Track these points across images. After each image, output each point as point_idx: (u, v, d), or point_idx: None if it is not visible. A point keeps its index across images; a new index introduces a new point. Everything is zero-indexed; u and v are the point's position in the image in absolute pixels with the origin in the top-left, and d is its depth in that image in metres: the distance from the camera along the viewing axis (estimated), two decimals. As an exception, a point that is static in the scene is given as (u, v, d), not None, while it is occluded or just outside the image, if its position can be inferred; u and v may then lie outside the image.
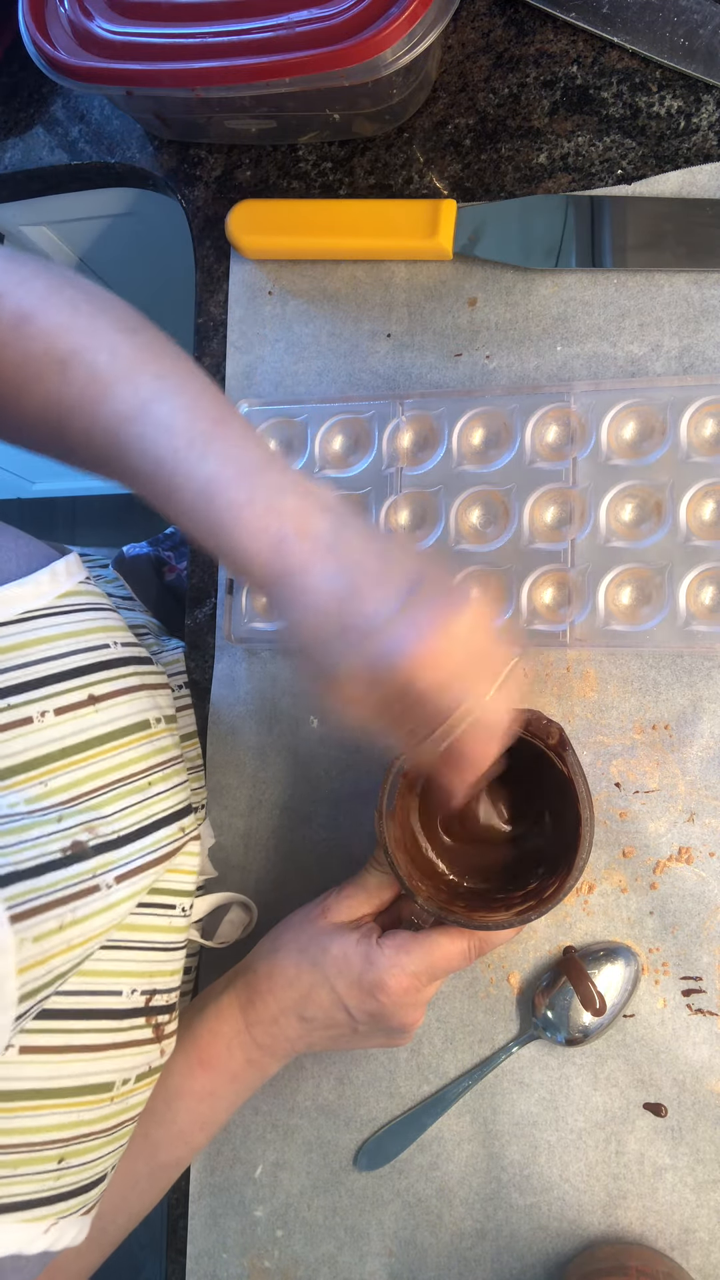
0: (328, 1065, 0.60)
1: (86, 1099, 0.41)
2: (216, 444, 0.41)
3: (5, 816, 0.39)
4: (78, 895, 0.39)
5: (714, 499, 0.55)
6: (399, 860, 0.50)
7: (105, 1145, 0.43)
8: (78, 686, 0.43)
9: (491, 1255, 0.56)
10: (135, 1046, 0.44)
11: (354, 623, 0.38)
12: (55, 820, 0.40)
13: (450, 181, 0.63)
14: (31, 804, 0.40)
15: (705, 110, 0.58)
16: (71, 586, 0.46)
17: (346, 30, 0.54)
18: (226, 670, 0.64)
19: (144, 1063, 0.44)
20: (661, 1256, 0.52)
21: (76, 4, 0.59)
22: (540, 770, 0.52)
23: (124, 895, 0.41)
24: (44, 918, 0.37)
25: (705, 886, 0.54)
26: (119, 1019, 0.43)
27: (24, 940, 0.35)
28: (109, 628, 0.47)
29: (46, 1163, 0.39)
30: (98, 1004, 0.42)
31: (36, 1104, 0.39)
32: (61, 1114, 0.40)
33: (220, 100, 0.59)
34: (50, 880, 0.38)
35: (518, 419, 0.58)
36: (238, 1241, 0.60)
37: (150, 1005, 0.44)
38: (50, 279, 0.45)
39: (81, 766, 0.42)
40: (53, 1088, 0.39)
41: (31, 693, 0.42)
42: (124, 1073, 0.43)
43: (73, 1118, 0.40)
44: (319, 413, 0.63)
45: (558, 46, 0.61)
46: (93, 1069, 0.41)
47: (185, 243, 0.69)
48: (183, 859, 0.48)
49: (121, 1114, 0.43)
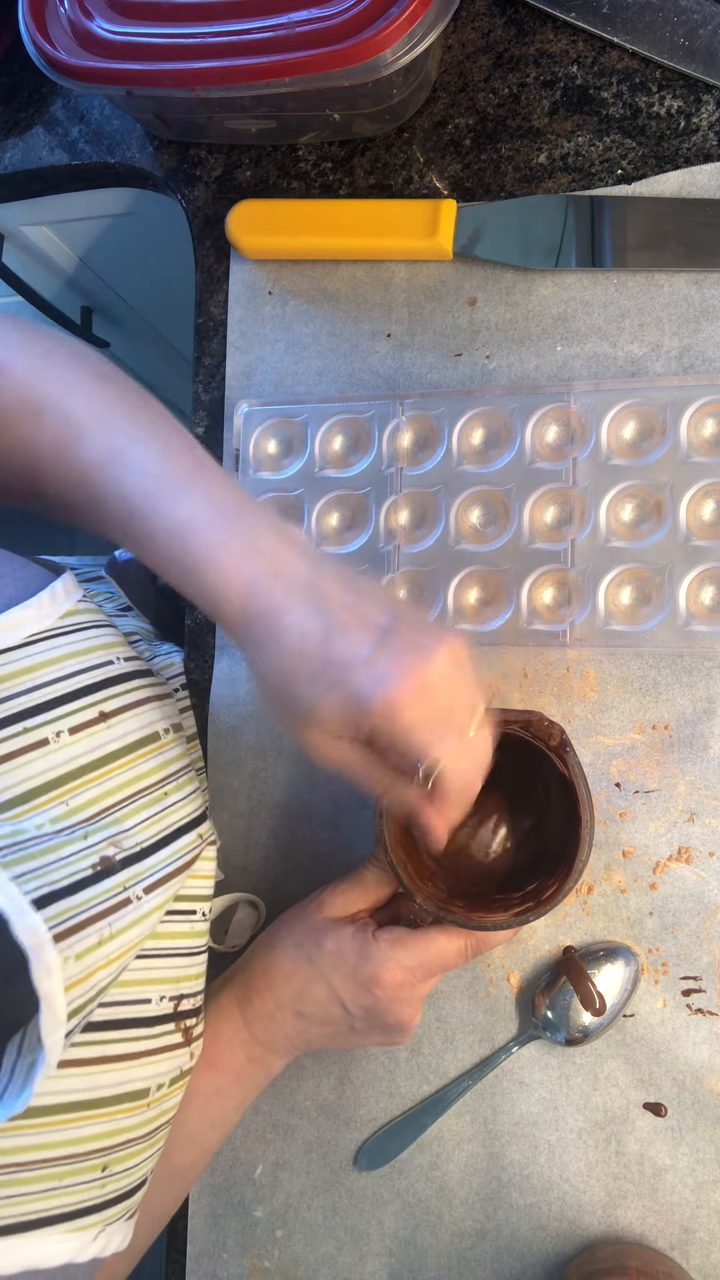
0: (328, 1065, 0.60)
1: (125, 1106, 0.42)
2: (191, 487, 0.41)
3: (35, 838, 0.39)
4: (112, 909, 0.39)
5: (714, 499, 0.55)
6: (398, 859, 0.50)
7: (145, 1150, 0.43)
8: (88, 705, 0.43)
9: (491, 1255, 0.56)
10: (167, 1052, 0.44)
11: (331, 662, 0.38)
12: (82, 838, 0.40)
13: (450, 181, 0.63)
14: (57, 823, 0.40)
15: (705, 110, 0.58)
16: (71, 606, 0.46)
17: (346, 30, 0.54)
18: (226, 670, 0.64)
19: (175, 1067, 0.45)
20: (661, 1256, 0.52)
21: (76, 4, 0.59)
22: (541, 771, 0.52)
23: (154, 905, 0.42)
24: (84, 934, 0.37)
25: (705, 886, 0.54)
26: (150, 1026, 0.43)
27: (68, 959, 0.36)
28: (110, 644, 0.47)
29: (91, 1172, 0.40)
30: (130, 1013, 0.42)
31: (78, 1115, 0.39)
32: (102, 1123, 0.40)
33: (220, 100, 0.59)
34: (85, 897, 0.38)
35: (518, 419, 0.58)
36: (238, 1241, 0.60)
37: (179, 1010, 0.45)
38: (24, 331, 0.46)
39: (99, 783, 0.43)
40: (92, 1099, 0.40)
41: (46, 714, 0.42)
42: (158, 1078, 0.44)
43: (112, 1126, 0.41)
44: (319, 413, 0.63)
45: (558, 46, 0.61)
46: (129, 1077, 0.42)
47: (185, 243, 0.69)
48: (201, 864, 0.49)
49: (158, 1119, 0.44)
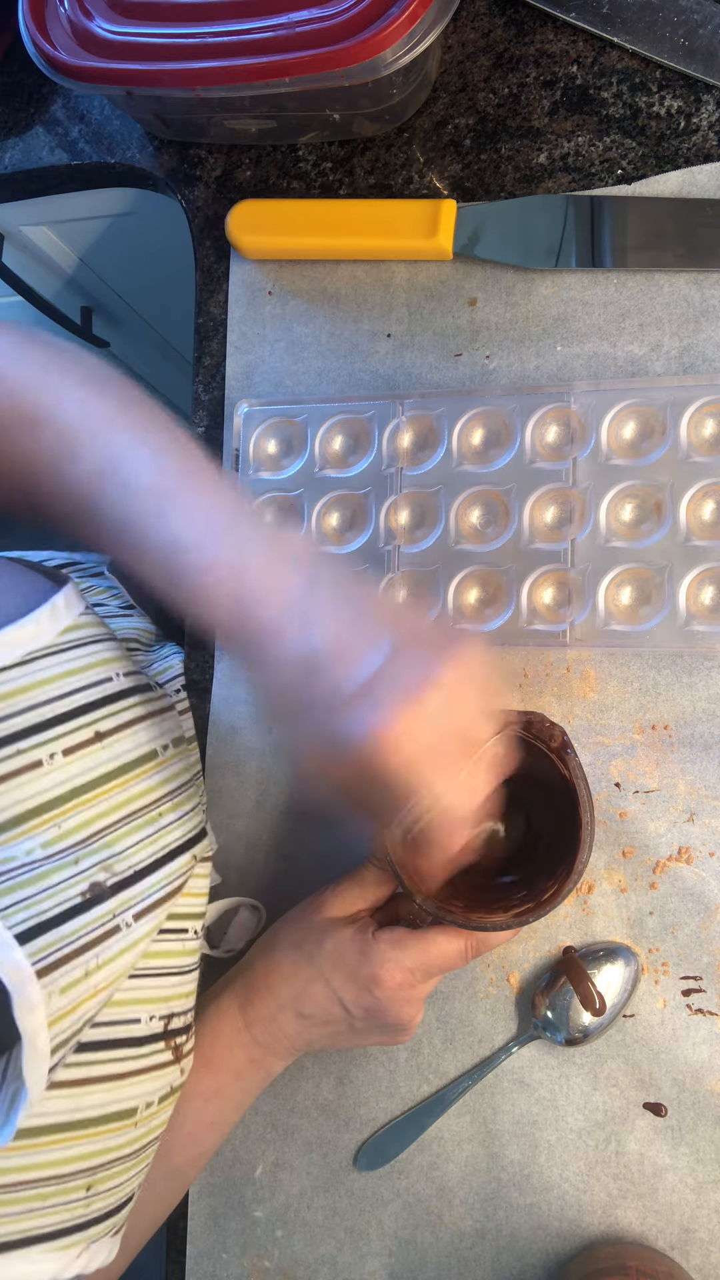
0: (328, 1065, 0.60)
1: (111, 1126, 0.41)
2: (181, 501, 0.40)
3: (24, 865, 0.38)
4: (100, 939, 0.39)
5: (714, 499, 0.55)
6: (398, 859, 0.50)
7: (131, 1169, 0.43)
8: (84, 724, 0.42)
9: (491, 1255, 0.56)
10: (156, 1070, 0.44)
11: (317, 697, 0.36)
12: (73, 863, 0.39)
13: (450, 181, 0.63)
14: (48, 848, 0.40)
15: (705, 110, 0.58)
16: (72, 620, 0.45)
17: (346, 30, 0.54)
18: (227, 670, 0.64)
19: (165, 1084, 0.44)
20: (661, 1256, 0.52)
21: (76, 4, 0.59)
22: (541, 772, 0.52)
23: (143, 932, 0.41)
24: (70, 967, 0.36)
25: (705, 886, 0.54)
26: (139, 1045, 0.43)
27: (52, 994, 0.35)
28: (110, 660, 0.46)
29: (75, 1192, 0.40)
30: (118, 1034, 0.42)
31: (63, 1136, 0.39)
32: (87, 1144, 0.40)
33: (220, 100, 0.59)
34: (73, 927, 0.38)
35: (518, 419, 0.58)
36: (238, 1241, 0.60)
37: (169, 1029, 0.44)
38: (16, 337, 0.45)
39: (92, 805, 0.42)
40: (78, 1119, 0.39)
41: (39, 735, 0.41)
42: (146, 1097, 0.43)
43: (98, 1146, 0.40)
44: (319, 413, 0.63)
45: (558, 46, 0.61)
46: (116, 1097, 0.41)
47: (185, 243, 0.69)
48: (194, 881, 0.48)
49: (145, 1137, 0.44)
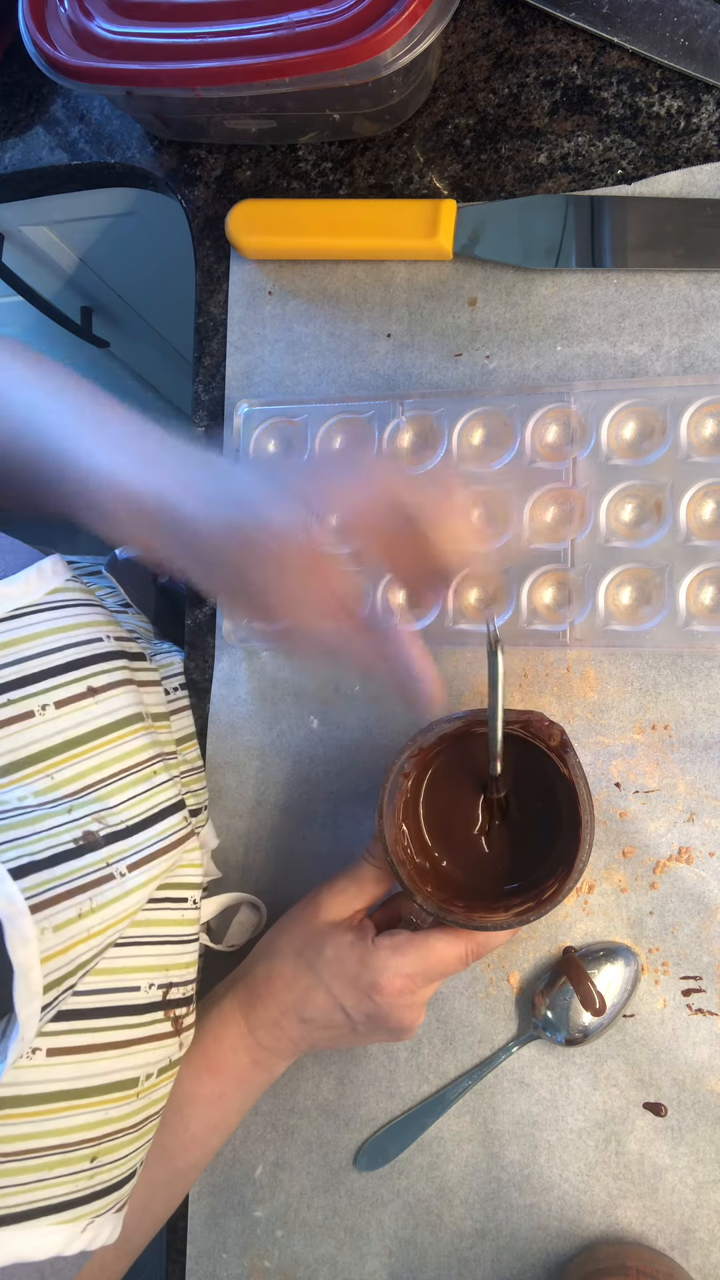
0: (328, 1065, 0.60)
1: (114, 1096, 0.41)
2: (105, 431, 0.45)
3: (16, 810, 0.39)
4: (93, 884, 0.39)
5: (714, 499, 0.55)
6: (398, 859, 0.50)
7: (134, 1141, 0.43)
8: (76, 679, 0.43)
9: (491, 1255, 0.56)
10: (156, 1040, 0.44)
11: None
12: (66, 811, 0.40)
13: (450, 181, 0.63)
14: (40, 796, 0.40)
15: (705, 110, 0.58)
16: (59, 584, 0.47)
17: (346, 30, 0.54)
18: (226, 670, 0.64)
19: (165, 1056, 0.45)
20: (661, 1256, 0.52)
21: (76, 4, 0.59)
22: (541, 771, 0.52)
23: (137, 883, 0.42)
24: (63, 906, 0.37)
25: (705, 886, 0.54)
26: (139, 1014, 0.43)
27: (45, 930, 0.36)
28: (98, 622, 0.47)
29: (80, 1163, 0.40)
30: (118, 1001, 0.42)
31: (67, 1104, 0.39)
32: (91, 1113, 0.40)
33: (220, 100, 0.59)
34: (66, 870, 0.38)
35: (518, 419, 0.58)
36: (238, 1241, 0.60)
37: (168, 999, 0.45)
38: None
39: (86, 758, 0.42)
40: (81, 1087, 0.40)
41: (31, 687, 0.42)
42: (147, 1067, 0.44)
43: (101, 1115, 0.41)
44: (319, 413, 0.63)
45: (558, 46, 0.61)
46: (118, 1066, 0.42)
47: (185, 243, 0.69)
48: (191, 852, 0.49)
49: (146, 1109, 0.44)
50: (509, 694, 0.58)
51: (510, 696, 0.58)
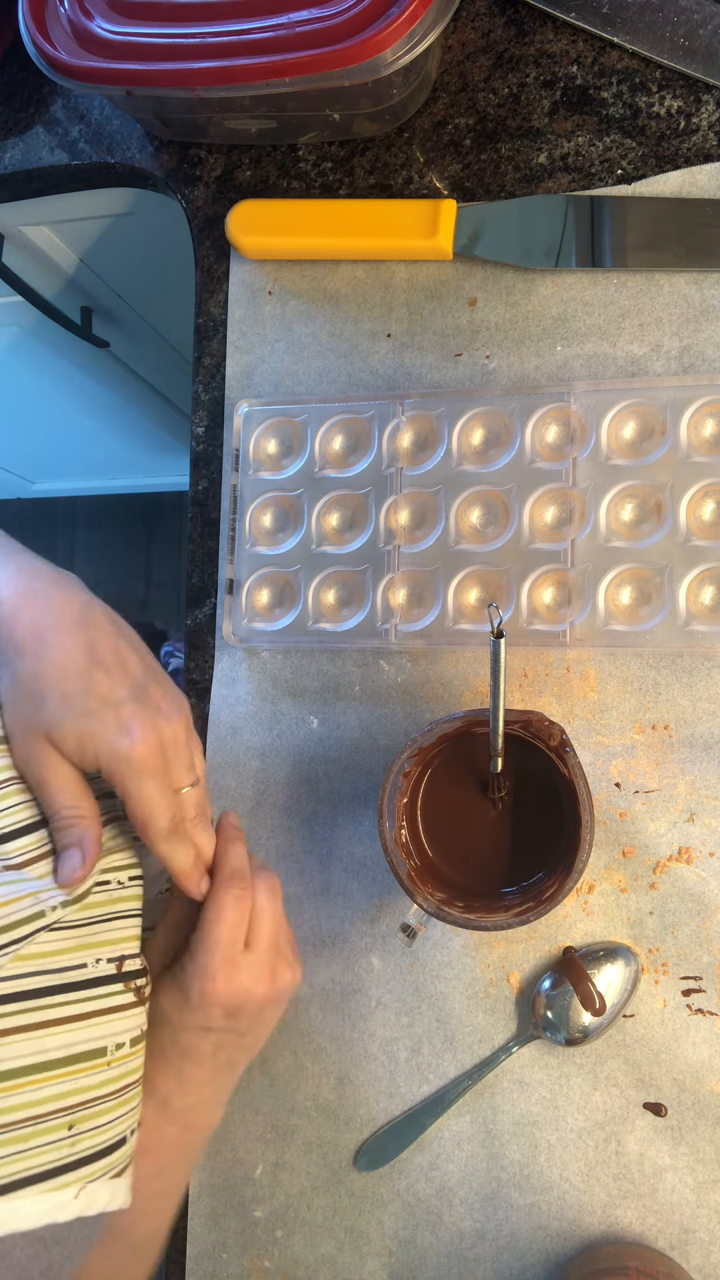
0: (327, 1065, 0.60)
1: (81, 1066, 0.42)
2: None
3: None
4: None
5: (714, 499, 0.55)
6: (399, 859, 0.50)
7: (115, 1108, 0.44)
8: None
9: (491, 1255, 0.56)
10: (119, 1011, 0.45)
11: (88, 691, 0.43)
12: None
13: (450, 181, 0.63)
14: None
15: (705, 110, 0.58)
16: None
17: (346, 30, 0.54)
18: (227, 670, 0.64)
19: (134, 1026, 0.45)
20: (661, 1256, 0.52)
21: (76, 4, 0.59)
22: (541, 771, 0.52)
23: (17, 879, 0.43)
24: None
25: (705, 886, 0.54)
26: (93, 987, 0.44)
27: None
28: None
29: (57, 1131, 0.41)
30: (65, 979, 0.43)
31: (30, 1079, 0.40)
32: (60, 1084, 0.41)
33: (220, 100, 0.59)
34: None
35: (518, 419, 0.58)
36: (237, 1241, 0.60)
37: (124, 971, 0.45)
38: None
39: None
40: (43, 1061, 0.41)
41: None
42: (115, 1037, 0.44)
43: (71, 1085, 0.41)
44: (319, 413, 0.63)
45: (558, 46, 0.61)
46: (79, 1038, 0.42)
47: (185, 243, 0.69)
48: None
49: (123, 1078, 0.44)
50: (509, 694, 0.58)
51: (510, 696, 0.58)
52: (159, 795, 0.44)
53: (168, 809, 0.45)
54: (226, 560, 0.64)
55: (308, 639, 0.61)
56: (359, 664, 0.62)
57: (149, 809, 0.44)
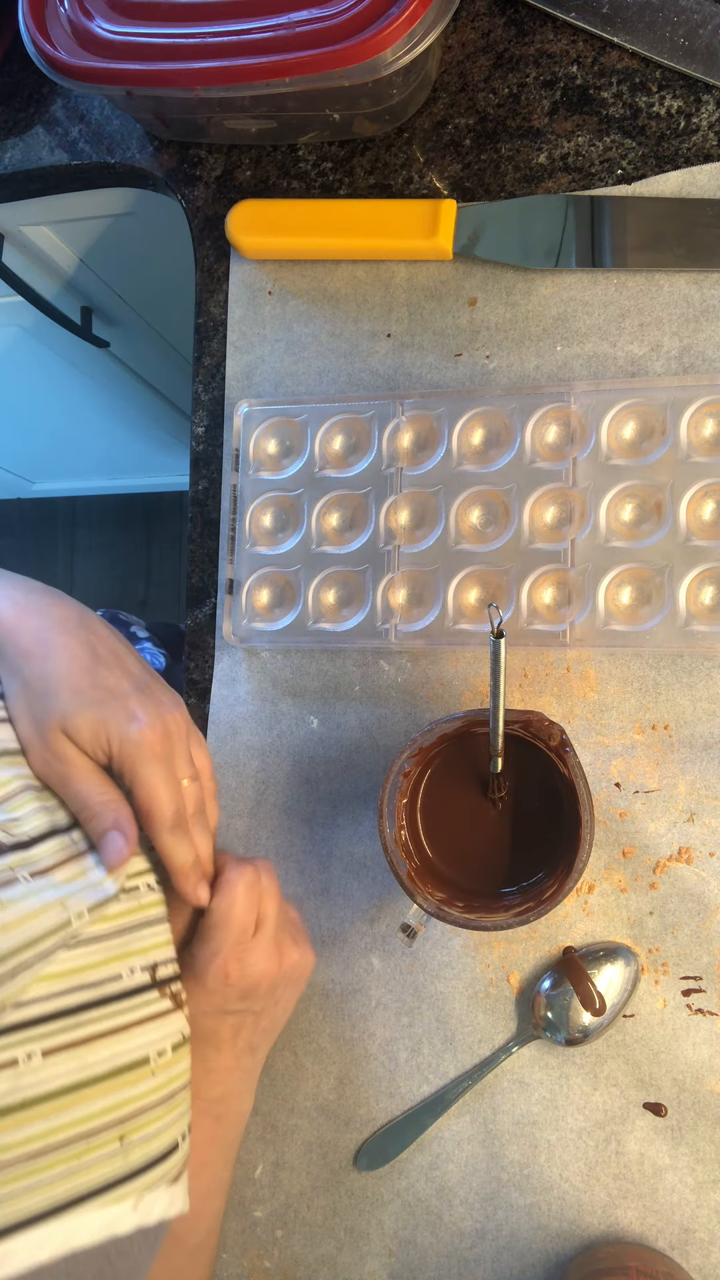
0: (328, 1065, 0.60)
1: (126, 1077, 0.42)
2: None
3: None
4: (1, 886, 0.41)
5: (714, 499, 0.55)
6: (399, 859, 0.50)
7: (165, 1114, 0.44)
8: None
9: (491, 1255, 0.56)
10: (158, 1019, 0.45)
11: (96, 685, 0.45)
12: None
13: (450, 181, 0.63)
14: None
15: (705, 110, 0.58)
16: None
17: (346, 30, 0.54)
18: (227, 670, 0.64)
19: (174, 1031, 0.45)
20: (661, 1256, 0.52)
21: (76, 4, 0.59)
22: (541, 771, 0.52)
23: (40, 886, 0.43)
24: None
25: (705, 886, 0.54)
26: (130, 997, 0.44)
27: None
28: None
29: (109, 1145, 0.41)
30: (102, 992, 0.43)
31: (78, 1095, 0.40)
32: (106, 1097, 0.41)
33: (220, 100, 0.59)
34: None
35: (518, 419, 0.58)
36: (238, 1241, 0.60)
37: (158, 978, 0.46)
38: None
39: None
40: (88, 1077, 0.41)
41: None
42: (156, 1044, 0.44)
43: (118, 1098, 0.42)
44: (319, 413, 0.63)
45: (558, 46, 0.61)
46: (121, 1049, 0.42)
47: (185, 243, 0.69)
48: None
49: (169, 1084, 0.44)
50: (509, 694, 0.58)
51: (510, 696, 0.58)
52: (164, 782, 0.45)
53: (173, 798, 0.46)
54: (226, 560, 0.64)
55: (308, 639, 0.61)
56: (359, 664, 0.62)
57: (155, 795, 0.45)
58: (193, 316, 0.68)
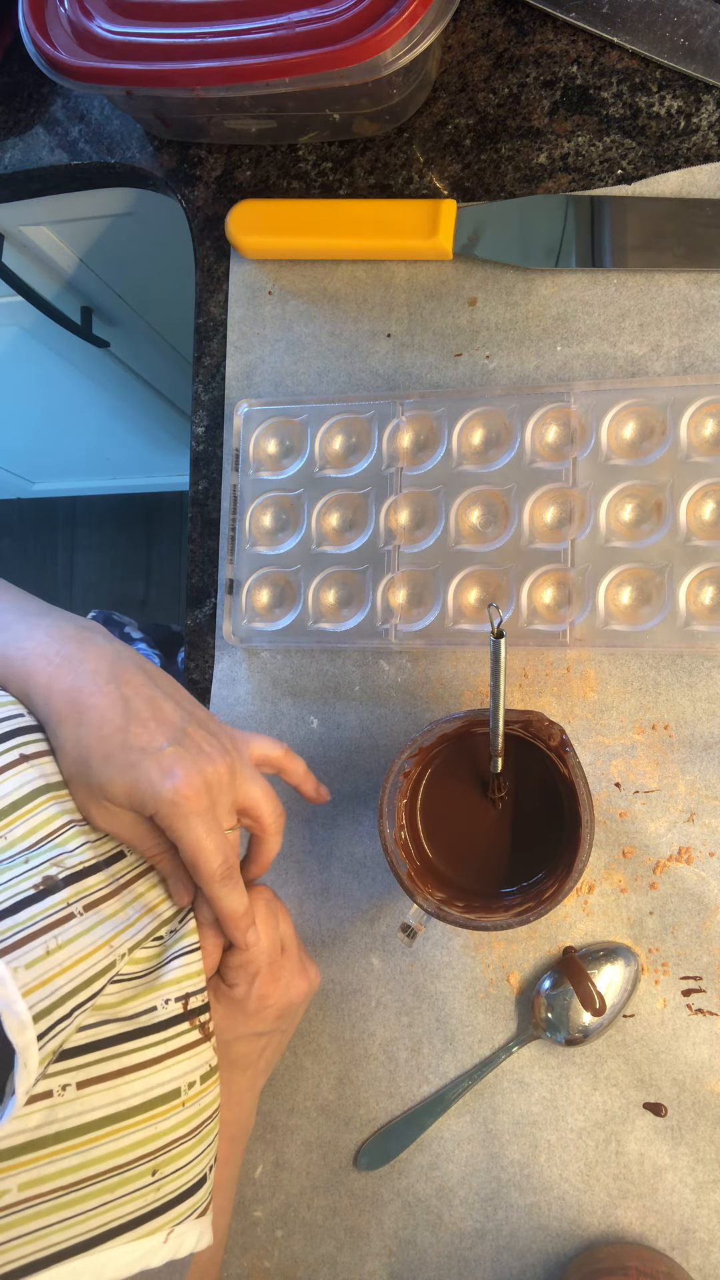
0: (327, 1065, 0.60)
1: (159, 1110, 0.42)
2: None
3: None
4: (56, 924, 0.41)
5: (714, 499, 0.55)
6: (399, 859, 0.50)
7: (194, 1148, 0.44)
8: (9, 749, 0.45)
9: (491, 1255, 0.56)
10: (188, 1050, 0.45)
11: (128, 746, 0.44)
12: (23, 863, 0.42)
13: (450, 181, 0.63)
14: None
15: (705, 110, 0.58)
16: None
17: (346, 30, 0.54)
18: (226, 670, 0.64)
19: (203, 1063, 0.45)
20: (661, 1256, 0.52)
21: (76, 4, 0.59)
22: (541, 771, 0.52)
23: (95, 921, 0.43)
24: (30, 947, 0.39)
25: (705, 886, 0.54)
26: (164, 1030, 0.44)
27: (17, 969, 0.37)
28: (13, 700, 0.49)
29: (141, 1179, 0.41)
30: (138, 1024, 0.43)
31: (112, 1129, 0.40)
32: (140, 1130, 0.41)
33: (220, 100, 0.59)
34: (28, 914, 0.40)
35: (518, 419, 0.58)
36: (238, 1241, 0.60)
37: (189, 1009, 0.46)
38: None
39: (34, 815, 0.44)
40: (122, 1110, 0.41)
41: None
42: (187, 1077, 0.44)
43: (151, 1131, 0.42)
44: (319, 413, 0.63)
45: (558, 46, 0.61)
46: (154, 1082, 0.42)
47: (185, 243, 0.69)
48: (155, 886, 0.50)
49: (198, 1115, 0.44)
50: (509, 694, 0.58)
51: (510, 696, 0.58)
52: (207, 835, 0.44)
53: (219, 849, 0.45)
54: (226, 560, 0.64)
55: (308, 639, 0.61)
56: (359, 664, 0.62)
57: (199, 849, 0.44)
58: (193, 316, 0.68)
